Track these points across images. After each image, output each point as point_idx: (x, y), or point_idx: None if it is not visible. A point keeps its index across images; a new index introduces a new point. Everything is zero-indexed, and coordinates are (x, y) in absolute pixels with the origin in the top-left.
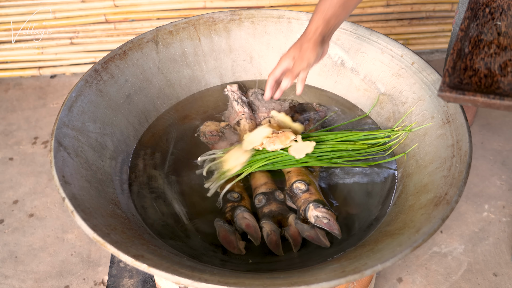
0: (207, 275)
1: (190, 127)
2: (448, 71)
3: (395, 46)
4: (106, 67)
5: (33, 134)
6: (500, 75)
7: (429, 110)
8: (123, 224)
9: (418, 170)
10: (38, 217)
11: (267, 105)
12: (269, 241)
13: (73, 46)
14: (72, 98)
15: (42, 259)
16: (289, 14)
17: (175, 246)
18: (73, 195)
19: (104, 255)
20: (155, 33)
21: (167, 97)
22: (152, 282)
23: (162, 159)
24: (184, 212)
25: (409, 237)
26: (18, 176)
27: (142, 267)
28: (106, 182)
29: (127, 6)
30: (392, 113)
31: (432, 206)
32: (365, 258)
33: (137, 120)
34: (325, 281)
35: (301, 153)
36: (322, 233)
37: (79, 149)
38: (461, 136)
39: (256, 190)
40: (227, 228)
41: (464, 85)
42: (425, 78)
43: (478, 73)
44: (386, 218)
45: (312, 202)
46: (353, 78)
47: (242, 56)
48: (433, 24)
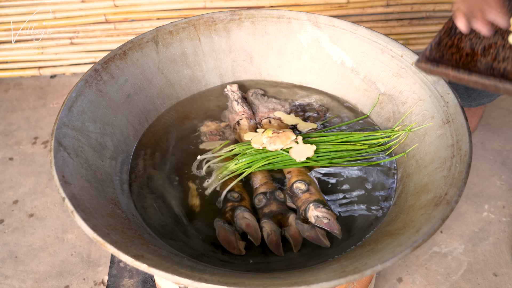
0: (207, 275)
1: (190, 127)
2: (432, 45)
3: (395, 46)
4: (106, 67)
5: (33, 134)
6: (481, 55)
7: (429, 110)
8: (123, 224)
9: (418, 170)
10: (38, 217)
11: (267, 105)
12: (269, 241)
13: (73, 46)
14: (72, 98)
15: (42, 259)
16: (289, 14)
17: (175, 246)
18: (73, 195)
19: (104, 255)
20: (155, 33)
21: (167, 97)
22: (152, 282)
23: (162, 159)
24: (184, 212)
25: (409, 237)
26: (18, 176)
27: (142, 267)
28: (106, 182)
29: (127, 6)
30: (392, 113)
31: (432, 206)
32: (365, 258)
33: (137, 120)
34: (325, 281)
35: (302, 156)
36: (322, 233)
37: (79, 149)
38: (461, 136)
39: (256, 190)
40: (227, 228)
41: (444, 60)
42: (425, 78)
43: (461, 51)
44: (386, 218)
45: (313, 202)
46: (353, 78)
47: (242, 56)
48: (433, 24)
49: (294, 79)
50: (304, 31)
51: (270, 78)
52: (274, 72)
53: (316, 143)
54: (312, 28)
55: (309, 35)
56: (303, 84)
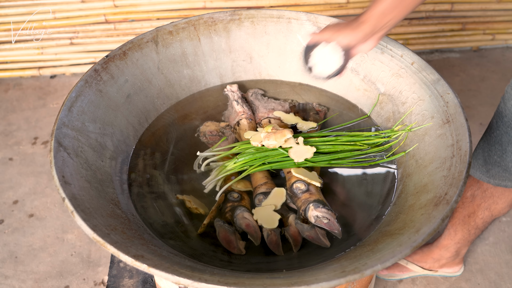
0: (207, 275)
1: (190, 127)
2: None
3: (395, 46)
4: (106, 67)
5: (33, 134)
6: None
7: (429, 110)
8: (123, 224)
9: (418, 170)
10: (38, 217)
11: (267, 105)
12: (269, 241)
13: (73, 46)
14: (72, 98)
15: (42, 259)
16: (289, 14)
17: (175, 246)
18: (73, 195)
19: (104, 255)
20: (155, 33)
21: (167, 97)
22: (152, 282)
23: (162, 159)
24: (184, 212)
25: (409, 237)
26: (18, 176)
27: (142, 267)
28: (106, 182)
29: (127, 6)
30: (392, 113)
31: (432, 206)
32: (365, 258)
33: (137, 120)
34: (325, 281)
35: (301, 157)
36: (322, 233)
37: (79, 149)
38: (461, 136)
39: (256, 190)
40: (227, 228)
41: None
42: (425, 78)
43: None
44: (386, 218)
45: (312, 202)
46: (353, 78)
47: (242, 56)
48: (433, 24)
49: (294, 79)
50: (304, 31)
51: (270, 78)
52: (274, 72)
53: (316, 144)
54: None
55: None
56: (303, 84)
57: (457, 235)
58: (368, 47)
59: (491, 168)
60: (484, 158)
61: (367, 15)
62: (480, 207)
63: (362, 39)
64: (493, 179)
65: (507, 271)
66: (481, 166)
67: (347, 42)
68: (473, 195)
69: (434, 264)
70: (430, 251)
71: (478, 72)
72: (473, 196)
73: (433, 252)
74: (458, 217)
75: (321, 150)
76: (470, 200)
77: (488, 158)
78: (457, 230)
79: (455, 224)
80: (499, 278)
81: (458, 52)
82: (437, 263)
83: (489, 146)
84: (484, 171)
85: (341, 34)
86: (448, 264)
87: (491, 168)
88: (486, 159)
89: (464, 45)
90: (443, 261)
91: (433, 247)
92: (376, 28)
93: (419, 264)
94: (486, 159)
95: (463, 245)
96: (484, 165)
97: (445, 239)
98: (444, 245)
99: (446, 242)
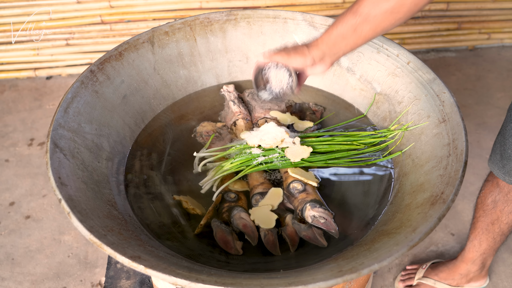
0: (204, 275)
1: (187, 127)
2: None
3: (391, 45)
4: (102, 68)
5: (29, 135)
6: None
7: (425, 109)
8: (119, 225)
9: (414, 169)
10: (35, 219)
11: (263, 105)
12: (266, 241)
13: (68, 47)
14: (68, 99)
15: (39, 261)
16: (285, 14)
17: (172, 247)
18: (69, 197)
19: (101, 257)
20: (151, 34)
21: (163, 97)
22: (150, 283)
23: (159, 159)
24: (180, 212)
25: (406, 236)
26: (14, 177)
27: (139, 268)
28: (102, 183)
29: (123, 7)
30: (388, 112)
31: (429, 205)
32: (362, 258)
33: (133, 121)
34: (322, 281)
35: (297, 157)
36: (319, 233)
37: (75, 150)
38: (457, 135)
39: (253, 190)
40: (224, 228)
41: None
42: (421, 77)
43: None
44: (382, 217)
45: (309, 202)
46: (349, 78)
47: (238, 57)
48: (429, 23)
49: None
50: (300, 31)
51: None
52: None
53: (312, 144)
54: (308, 28)
55: (305, 35)
56: None
57: (482, 246)
58: (320, 71)
59: (506, 164)
60: (501, 152)
61: (319, 41)
62: (503, 212)
63: (311, 64)
64: (508, 177)
65: (504, 269)
66: (498, 161)
67: (296, 66)
68: (495, 200)
69: (462, 280)
70: (456, 266)
71: (474, 71)
72: (495, 202)
73: (460, 267)
74: (481, 226)
75: (317, 150)
76: (492, 207)
77: (503, 153)
78: (482, 240)
79: (478, 234)
80: (496, 276)
81: (454, 51)
82: (465, 278)
83: (504, 140)
84: (501, 166)
85: (291, 58)
86: (475, 278)
87: (507, 164)
88: (502, 154)
89: (460, 44)
90: (470, 275)
91: (459, 262)
92: (325, 55)
93: (447, 282)
94: (502, 153)
95: (489, 255)
96: (500, 160)
97: (470, 252)
98: (469, 258)
99: (471, 255)
